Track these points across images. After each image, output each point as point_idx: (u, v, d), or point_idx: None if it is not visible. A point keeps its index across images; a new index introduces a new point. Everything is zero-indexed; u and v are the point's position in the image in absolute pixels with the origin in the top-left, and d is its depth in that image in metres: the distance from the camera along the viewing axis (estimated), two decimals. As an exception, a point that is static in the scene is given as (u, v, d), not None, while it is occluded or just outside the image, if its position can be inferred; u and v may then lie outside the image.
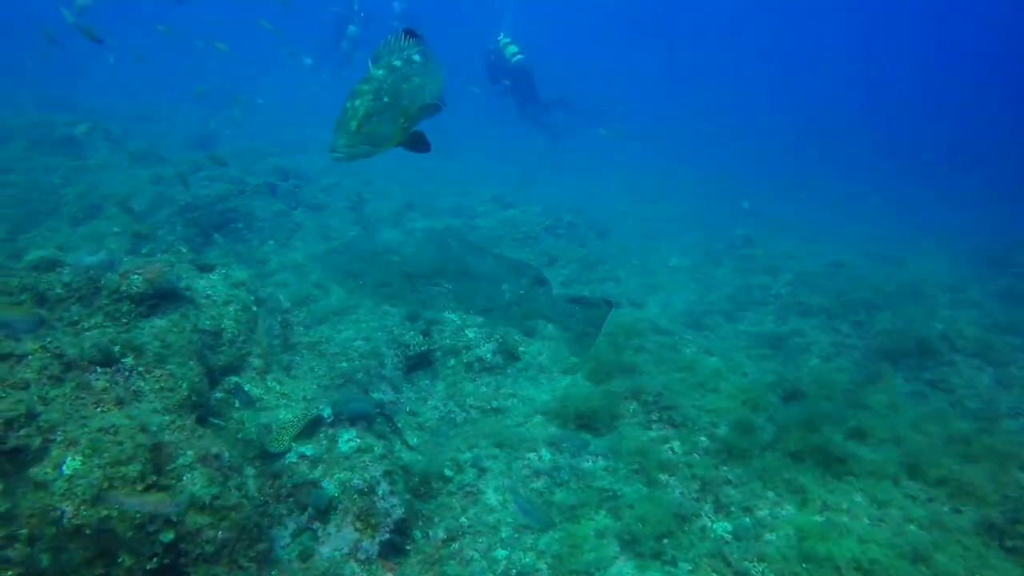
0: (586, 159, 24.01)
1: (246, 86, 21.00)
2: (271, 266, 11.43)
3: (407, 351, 7.24)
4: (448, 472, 5.41)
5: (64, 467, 3.90)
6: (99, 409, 4.49)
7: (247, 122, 19.86)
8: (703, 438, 5.70)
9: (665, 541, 4.66)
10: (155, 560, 4.02)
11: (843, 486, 5.01)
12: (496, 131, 25.00)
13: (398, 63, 3.33)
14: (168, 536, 4.17)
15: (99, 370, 4.85)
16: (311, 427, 5.57)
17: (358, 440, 5.19)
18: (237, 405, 5.79)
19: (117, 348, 5.01)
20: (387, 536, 4.66)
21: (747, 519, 4.80)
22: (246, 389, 5.84)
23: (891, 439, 5.55)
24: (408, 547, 4.86)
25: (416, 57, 3.44)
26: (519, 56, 16.29)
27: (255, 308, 6.83)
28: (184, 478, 4.37)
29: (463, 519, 5.08)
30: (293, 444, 5.46)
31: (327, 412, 5.42)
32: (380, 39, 3.56)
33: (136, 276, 5.60)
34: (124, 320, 5.55)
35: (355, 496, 4.75)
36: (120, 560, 3.92)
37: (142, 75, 10.91)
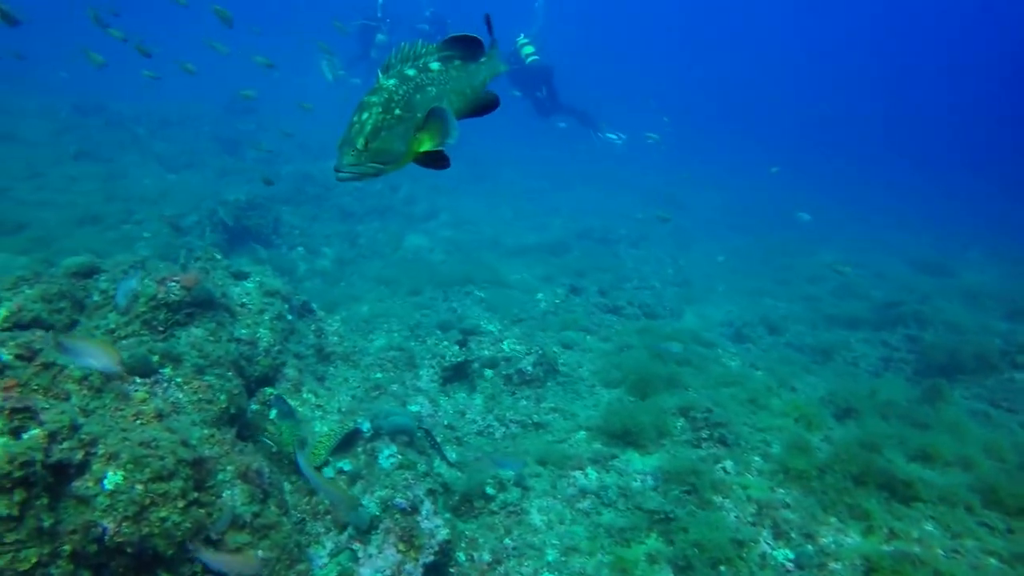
0: (613, 166, 23.81)
1: (288, 91, 20.85)
2: (300, 272, 11.36)
3: (443, 362, 7.07)
4: (490, 490, 5.23)
5: (106, 482, 3.76)
6: (138, 421, 4.34)
7: (275, 126, 19.87)
8: (756, 458, 5.49)
9: (722, 568, 4.45)
10: (196, 580, 3.88)
11: (911, 512, 4.77)
12: (525, 135, 24.84)
13: (411, 72, 3.01)
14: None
15: (138, 380, 4.72)
16: (348, 441, 5.42)
17: (399, 456, 5.01)
18: (273, 417, 5.65)
19: (156, 358, 4.88)
20: (431, 558, 4.47)
21: (809, 546, 4.58)
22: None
23: (959, 462, 5.31)
24: (452, 570, 4.69)
25: (434, 65, 3.11)
26: (534, 57, 16.12)
27: (290, 317, 6.69)
28: (224, 495, 4.22)
29: (507, 540, 4.90)
30: (330, 458, 5.31)
31: (366, 426, 5.25)
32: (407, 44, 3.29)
33: (174, 283, 5.47)
34: (161, 329, 5.42)
35: (397, 515, 4.57)
36: (161, 580, 3.79)
37: (173, 79, 10.76)
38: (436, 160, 3.06)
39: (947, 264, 14.79)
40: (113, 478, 3.78)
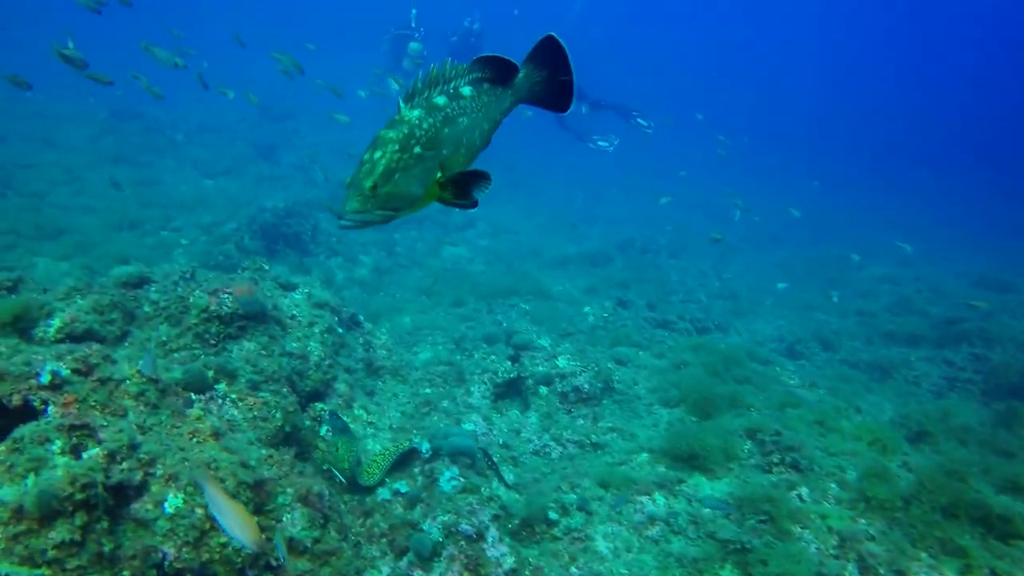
0: (648, 175, 23.56)
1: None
2: (338, 281, 11.21)
3: (495, 378, 6.86)
4: (553, 515, 5.00)
5: (166, 505, 3.59)
6: (194, 440, 4.17)
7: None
8: (832, 485, 5.23)
9: (806, 605, 4.20)
10: (257, 609, 3.70)
11: (1012, 551, 4.48)
12: (556, 142, 24.63)
13: (441, 100, 2.60)
14: (268, 582, 3.84)
15: (193, 397, 4.56)
16: (403, 461, 5.23)
17: (462, 479, 4.81)
18: (324, 434, 5.46)
19: (211, 373, 4.71)
20: (498, 588, 4.26)
21: (900, 584, 4.32)
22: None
23: (1054, 495, 5.02)
24: (517, 599, 4.47)
25: (465, 90, 2.70)
26: None
27: (340, 330, 6.52)
28: (284, 518, 4.04)
29: (573, 569, 4.68)
30: (386, 479, 5.12)
31: (425, 446, 5.05)
32: (439, 57, 2.92)
33: (226, 295, 5.31)
34: (213, 342, 5.27)
35: (462, 542, 4.37)
36: (222, 610, 3.61)
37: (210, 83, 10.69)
38: (461, 195, 2.69)
39: (1009, 279, 14.31)
40: (174, 501, 3.61)
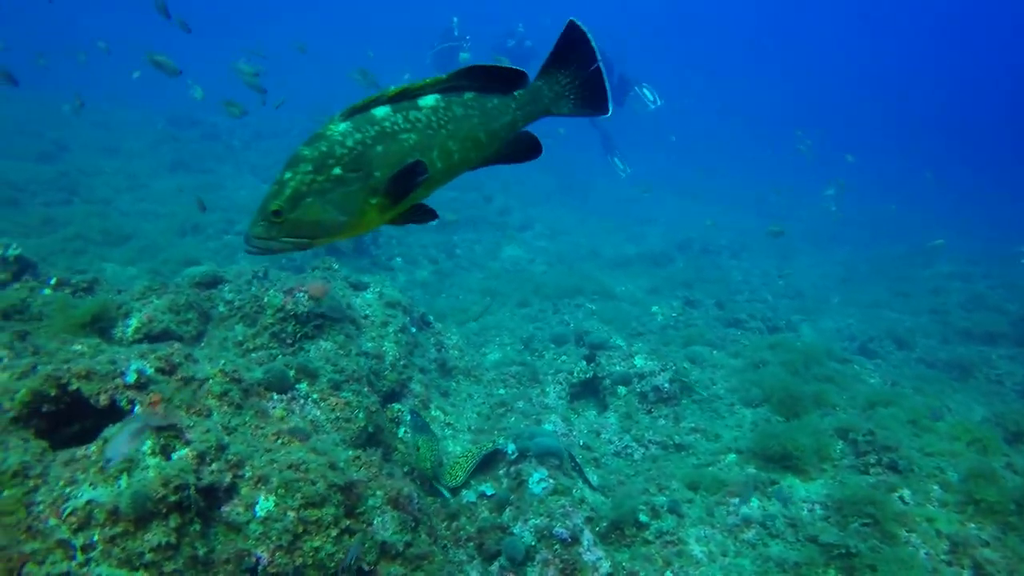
0: (701, 176, 23.19)
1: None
2: (400, 283, 11.11)
3: (570, 378, 6.66)
4: (644, 518, 4.78)
5: (258, 508, 3.46)
6: (279, 441, 4.05)
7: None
8: (934, 486, 4.93)
9: (925, 614, 3.93)
10: (348, 616, 3.55)
11: None
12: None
13: (380, 112, 2.20)
14: (360, 588, 3.69)
15: (275, 397, 4.44)
16: (486, 462, 5.06)
17: (552, 481, 4.62)
18: (402, 435, 5.33)
19: (292, 373, 4.59)
20: (594, 594, 4.06)
21: (1027, 593, 4.02)
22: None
23: None
24: (612, 607, 4.26)
25: (426, 101, 2.26)
26: None
27: (413, 330, 6.39)
28: (375, 522, 3.89)
29: (668, 574, 4.46)
30: (471, 480, 4.96)
31: (511, 447, 4.87)
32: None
33: (302, 294, 5.20)
34: (289, 341, 5.16)
35: (556, 546, 4.17)
36: (315, 617, 3.46)
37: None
38: (416, 216, 2.38)
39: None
40: (265, 504, 3.49)
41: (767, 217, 19.02)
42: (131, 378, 3.67)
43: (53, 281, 5.25)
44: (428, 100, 2.27)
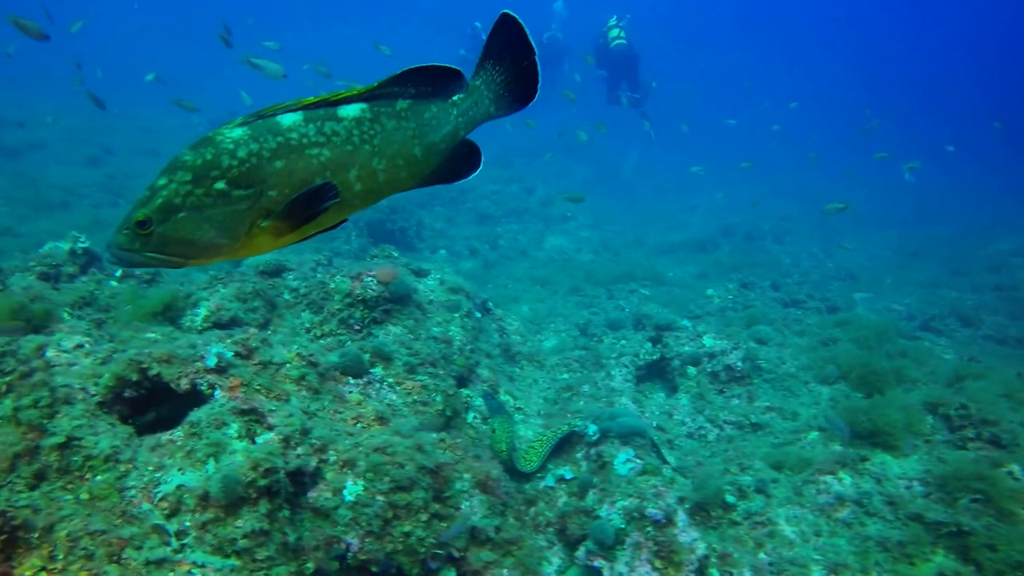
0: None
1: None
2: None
3: (636, 360, 6.49)
4: (731, 498, 4.60)
5: (346, 492, 3.35)
6: (359, 425, 3.94)
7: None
8: (1043, 461, 4.67)
9: (1046, 592, 3.70)
10: (440, 605, 3.43)
11: None
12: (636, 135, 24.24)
13: (288, 121, 1.83)
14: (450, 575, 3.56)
15: (351, 381, 4.33)
16: (560, 446, 4.90)
17: (639, 461, 4.45)
18: (472, 420, 5.19)
19: (367, 357, 4.48)
20: (691, 577, 3.89)
21: None
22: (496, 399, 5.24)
23: None
24: (707, 590, 4.10)
25: (347, 111, 1.91)
26: (619, 41, 15.41)
27: (478, 315, 6.26)
28: (463, 506, 3.76)
29: (762, 555, 4.28)
30: (549, 465, 4.81)
31: (592, 428, 4.70)
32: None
33: (370, 279, 5.09)
34: (358, 327, 5.05)
35: (649, 528, 4.01)
36: (408, 605, 3.35)
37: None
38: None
39: None
40: (354, 488, 3.37)
41: (808, 202, 18.64)
42: (212, 362, 3.57)
43: (119, 273, 5.20)
44: (351, 110, 1.92)
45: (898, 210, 18.96)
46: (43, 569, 2.53)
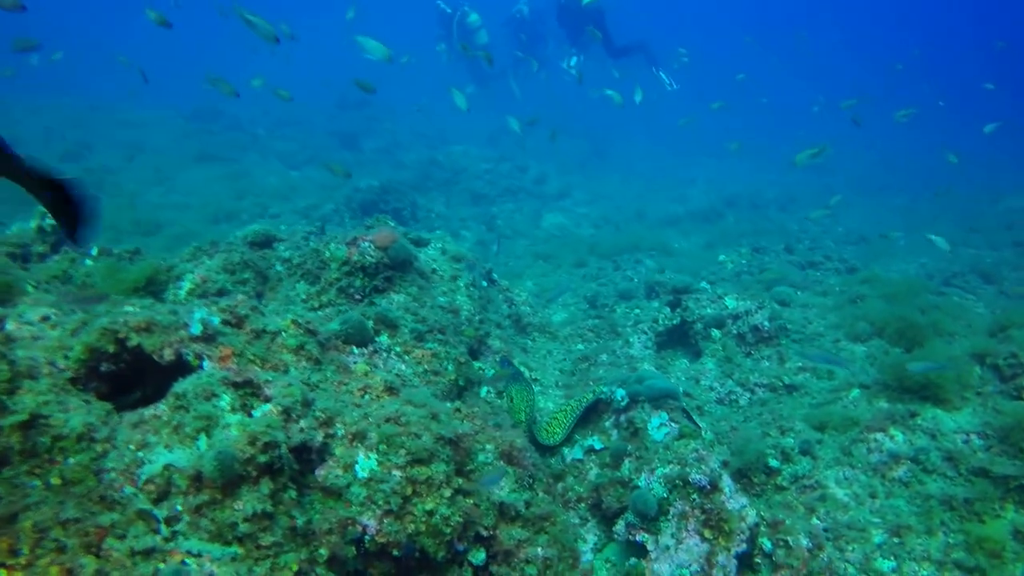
0: (736, 137, 22.44)
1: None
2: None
3: (655, 326, 6.09)
4: (774, 462, 4.22)
5: (358, 468, 2.93)
6: (367, 396, 3.52)
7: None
8: (1106, 409, 4.29)
9: None
10: (464, 588, 3.05)
11: None
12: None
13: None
14: (479, 557, 3.16)
15: (355, 351, 3.91)
16: (587, 415, 4.50)
17: (674, 425, 4.05)
18: (485, 395, 4.78)
19: (371, 324, 4.06)
20: (743, 547, 3.50)
21: None
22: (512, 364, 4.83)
23: None
24: (757, 559, 3.71)
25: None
26: None
27: (484, 283, 5.85)
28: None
29: (815, 520, 3.90)
30: (576, 436, 4.41)
31: (620, 393, 4.29)
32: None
33: (367, 244, 4.66)
34: (358, 296, 4.63)
35: (694, 496, 3.60)
36: (434, 590, 2.95)
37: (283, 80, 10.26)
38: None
39: None
40: (366, 463, 2.96)
41: (809, 171, 18.25)
42: (196, 329, 3.16)
43: (95, 252, 4.76)
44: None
45: (901, 176, 18.61)
46: (1, 566, 2.11)
